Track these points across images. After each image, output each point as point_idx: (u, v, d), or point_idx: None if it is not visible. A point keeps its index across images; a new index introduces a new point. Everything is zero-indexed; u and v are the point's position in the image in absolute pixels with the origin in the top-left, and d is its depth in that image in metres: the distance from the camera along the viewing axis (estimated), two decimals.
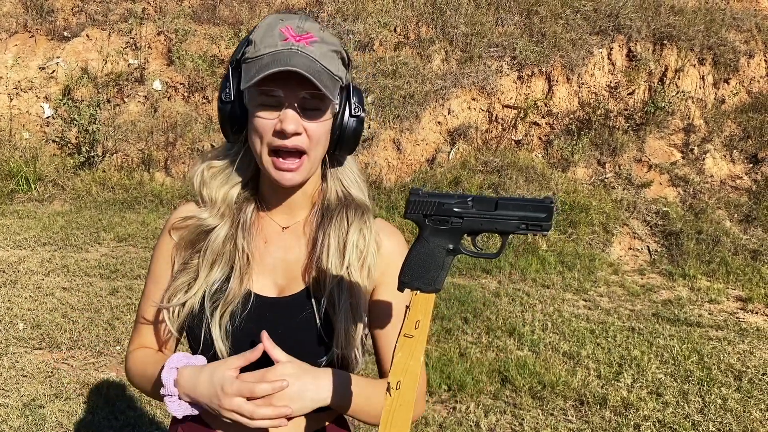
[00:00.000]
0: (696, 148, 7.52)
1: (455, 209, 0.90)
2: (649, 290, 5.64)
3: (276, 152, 1.09)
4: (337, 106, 1.12)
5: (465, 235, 0.92)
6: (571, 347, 4.31)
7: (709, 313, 5.21)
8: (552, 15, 8.22)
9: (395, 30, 8.14)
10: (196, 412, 1.12)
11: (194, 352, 1.18)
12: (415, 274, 0.91)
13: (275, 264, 1.19)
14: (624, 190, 7.07)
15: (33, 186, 6.60)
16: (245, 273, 1.15)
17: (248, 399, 1.03)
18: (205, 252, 1.16)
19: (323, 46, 1.08)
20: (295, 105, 1.06)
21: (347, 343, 1.13)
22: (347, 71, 1.14)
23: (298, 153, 1.09)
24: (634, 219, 6.69)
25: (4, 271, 4.77)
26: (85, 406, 3.21)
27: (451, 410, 3.48)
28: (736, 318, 5.13)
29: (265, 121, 1.07)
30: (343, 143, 1.15)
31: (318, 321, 1.13)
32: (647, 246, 6.47)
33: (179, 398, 1.10)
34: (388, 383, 0.87)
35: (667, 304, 5.32)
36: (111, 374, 3.52)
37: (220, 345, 1.12)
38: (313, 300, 1.14)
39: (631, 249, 6.48)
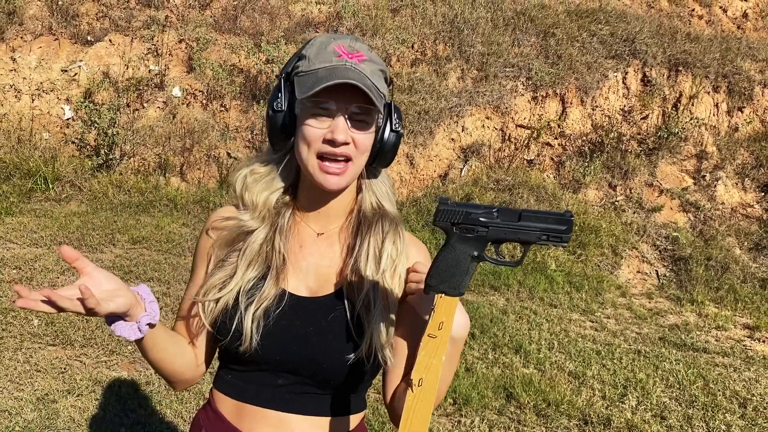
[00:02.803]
0: (708, 174, 7.55)
1: (481, 219, 0.96)
2: (656, 314, 5.66)
3: (322, 157, 1.16)
4: (380, 121, 1.20)
5: (489, 244, 0.98)
6: (577, 367, 4.34)
7: (716, 340, 5.21)
8: (568, 38, 8.30)
9: (413, 47, 8.24)
10: (141, 333, 1.12)
11: (221, 342, 1.22)
12: (441, 278, 0.97)
13: (308, 268, 1.25)
14: (634, 213, 7.10)
15: (51, 186, 6.71)
16: (281, 272, 1.21)
17: None
18: (244, 252, 1.21)
19: (372, 64, 1.17)
20: (345, 116, 1.14)
21: (381, 343, 1.18)
22: (391, 89, 1.24)
23: (345, 159, 1.16)
24: (644, 243, 6.71)
25: (20, 268, 4.85)
26: (96, 403, 3.27)
27: (456, 424, 3.51)
28: (743, 345, 5.14)
29: (316, 129, 1.14)
30: (382, 156, 1.22)
31: (350, 321, 1.18)
32: (656, 270, 6.49)
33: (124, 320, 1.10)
34: (411, 380, 0.93)
35: (674, 329, 5.33)
36: (123, 373, 3.58)
37: (252, 338, 1.17)
38: (346, 301, 1.20)
39: (639, 272, 6.50)
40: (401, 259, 1.23)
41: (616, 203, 7.23)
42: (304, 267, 1.25)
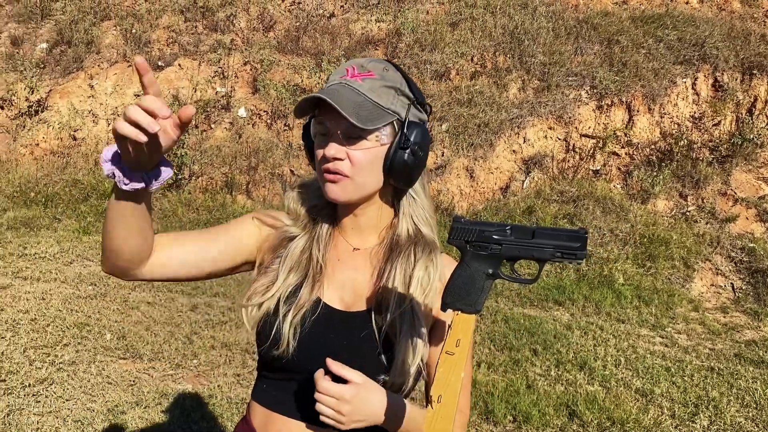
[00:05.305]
0: None
1: (494, 236, 0.96)
2: (731, 329, 5.40)
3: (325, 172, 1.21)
4: (384, 137, 1.18)
5: (504, 261, 0.97)
6: (645, 384, 4.19)
7: None
8: (633, 44, 8.09)
9: (472, 59, 8.23)
10: (127, 187, 1.01)
11: (261, 347, 1.25)
12: (457, 296, 0.97)
13: (344, 281, 1.27)
14: (707, 224, 6.81)
15: None
16: (317, 281, 1.24)
17: None
18: (285, 259, 1.26)
19: (377, 81, 1.17)
20: (338, 133, 1.16)
21: (402, 371, 1.18)
22: (410, 107, 1.19)
23: (338, 172, 1.18)
24: (718, 254, 6.42)
25: (95, 285, 5.10)
26: (162, 415, 3.39)
27: None
28: None
29: (319, 149, 1.20)
30: (392, 173, 1.19)
31: (379, 344, 1.19)
32: (731, 283, 6.20)
33: (111, 162, 1.01)
34: (430, 396, 0.93)
35: (751, 345, 5.07)
36: (187, 386, 3.70)
37: (289, 343, 1.20)
38: (374, 324, 1.20)
39: (713, 285, 6.22)
40: (433, 287, 1.22)
41: (688, 213, 6.96)
42: (340, 280, 1.27)
